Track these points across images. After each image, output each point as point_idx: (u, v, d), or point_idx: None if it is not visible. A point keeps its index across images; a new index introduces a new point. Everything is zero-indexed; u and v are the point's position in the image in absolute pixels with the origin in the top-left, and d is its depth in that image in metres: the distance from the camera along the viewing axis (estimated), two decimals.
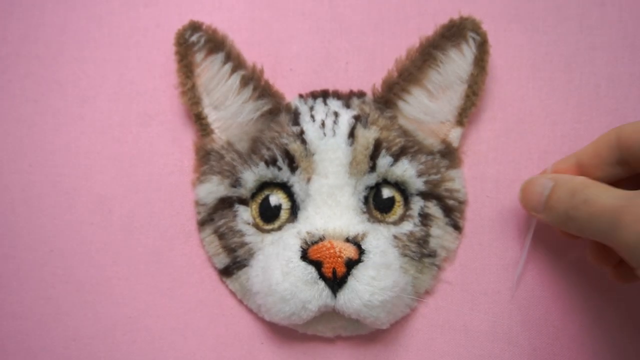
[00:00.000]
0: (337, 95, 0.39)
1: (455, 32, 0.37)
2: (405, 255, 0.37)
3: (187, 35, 0.37)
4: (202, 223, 0.38)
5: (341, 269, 0.34)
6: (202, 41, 0.37)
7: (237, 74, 0.37)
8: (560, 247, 0.38)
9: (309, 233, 0.35)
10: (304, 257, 0.34)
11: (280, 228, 0.37)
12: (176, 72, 0.38)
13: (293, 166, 0.37)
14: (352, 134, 0.36)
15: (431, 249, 0.38)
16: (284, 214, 0.37)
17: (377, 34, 0.39)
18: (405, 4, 0.39)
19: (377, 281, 0.34)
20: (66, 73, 0.39)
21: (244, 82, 0.37)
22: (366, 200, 0.37)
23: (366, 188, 0.37)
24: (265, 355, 0.39)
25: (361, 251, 0.34)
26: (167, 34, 0.38)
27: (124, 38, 0.39)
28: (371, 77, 0.39)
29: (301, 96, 0.39)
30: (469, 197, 0.39)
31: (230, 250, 0.38)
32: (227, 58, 0.37)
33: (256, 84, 0.38)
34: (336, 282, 0.34)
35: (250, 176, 0.37)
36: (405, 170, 0.37)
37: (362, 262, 0.34)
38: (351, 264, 0.34)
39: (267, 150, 0.37)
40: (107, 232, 0.39)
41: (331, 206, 0.36)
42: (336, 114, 0.37)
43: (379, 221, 0.37)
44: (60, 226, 0.39)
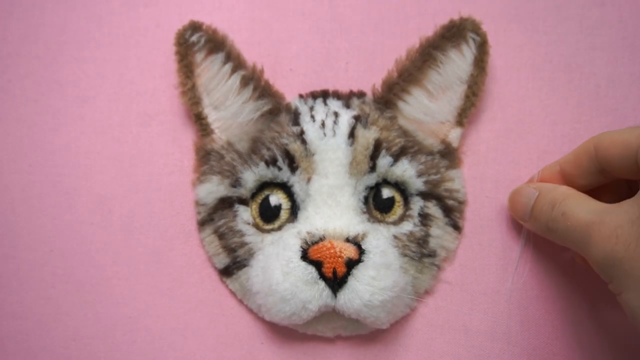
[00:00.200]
0: (337, 95, 0.39)
1: (455, 33, 0.37)
2: (405, 255, 0.37)
3: (187, 35, 0.37)
4: (202, 223, 0.38)
5: (341, 269, 0.34)
6: (202, 41, 0.37)
7: (237, 74, 0.37)
8: (559, 248, 0.38)
9: (309, 233, 0.35)
10: (304, 257, 0.34)
11: (280, 228, 0.37)
12: (176, 72, 0.38)
13: (293, 166, 0.37)
14: (352, 134, 0.36)
15: (431, 249, 0.38)
16: (284, 214, 0.37)
17: (377, 34, 0.39)
18: (405, 4, 0.39)
19: (377, 281, 0.34)
20: (66, 73, 0.39)
21: (244, 82, 0.37)
22: (366, 200, 0.37)
23: (366, 188, 0.37)
24: (265, 355, 0.39)
25: (361, 251, 0.34)
26: (167, 34, 0.38)
27: (124, 38, 0.39)
28: (371, 77, 0.39)
29: (301, 96, 0.39)
30: (469, 197, 0.39)
31: (230, 250, 0.38)
32: (227, 58, 0.37)
33: (256, 84, 0.38)
34: (336, 282, 0.34)
35: (250, 176, 0.37)
36: (405, 170, 0.37)
37: (362, 262, 0.34)
38: (351, 264, 0.34)
39: (267, 150, 0.37)
40: (107, 232, 0.39)
41: (331, 206, 0.36)
42: (336, 114, 0.37)
43: (379, 221, 0.37)
44: (60, 226, 0.39)
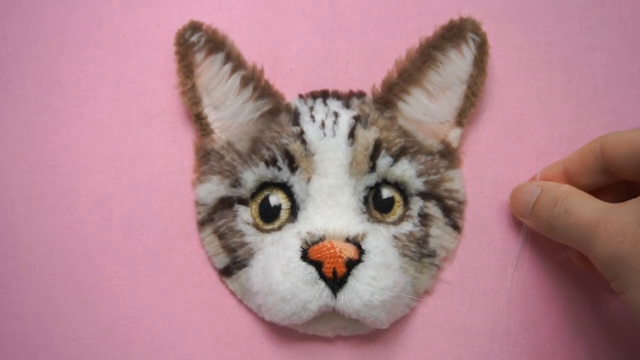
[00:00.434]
0: (337, 95, 0.39)
1: (455, 33, 0.37)
2: (404, 255, 0.37)
3: (187, 35, 0.37)
4: (202, 223, 0.38)
5: (341, 269, 0.34)
6: (202, 41, 0.37)
7: (237, 74, 0.37)
8: (558, 247, 0.38)
9: (309, 233, 0.35)
10: (304, 257, 0.34)
11: (280, 228, 0.37)
12: (176, 72, 0.38)
13: (293, 166, 0.37)
14: (352, 135, 0.36)
15: (430, 249, 0.38)
16: (284, 214, 0.37)
17: (377, 34, 0.39)
18: (405, 4, 0.39)
19: (377, 281, 0.34)
20: (66, 73, 0.39)
21: (244, 82, 0.37)
22: (366, 200, 0.37)
23: (366, 188, 0.37)
24: (265, 355, 0.39)
25: (361, 251, 0.34)
26: (167, 34, 0.38)
27: (124, 38, 0.39)
28: (371, 77, 0.39)
29: (301, 96, 0.39)
30: (468, 198, 0.39)
31: (230, 250, 0.38)
32: (227, 58, 0.37)
33: (256, 84, 0.38)
34: (336, 282, 0.34)
35: (250, 176, 0.37)
36: (404, 170, 0.37)
37: (362, 262, 0.34)
38: (351, 264, 0.34)
39: (267, 150, 0.37)
40: (107, 232, 0.39)
41: (331, 206, 0.36)
42: (336, 114, 0.37)
43: (379, 221, 0.37)
44: (60, 226, 0.39)
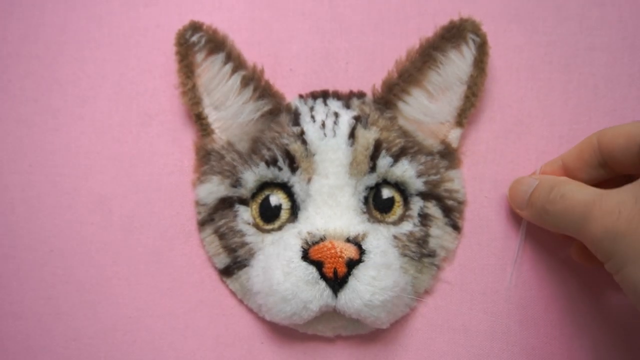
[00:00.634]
0: (337, 95, 0.39)
1: (455, 34, 0.37)
2: (405, 255, 0.37)
3: (188, 35, 0.37)
4: (203, 223, 0.38)
5: (342, 269, 0.34)
6: (203, 41, 0.37)
7: (238, 74, 0.37)
8: (558, 246, 0.38)
9: (310, 233, 0.35)
10: (305, 257, 0.34)
11: (280, 228, 0.37)
12: (176, 72, 0.38)
13: (293, 166, 0.37)
14: (353, 135, 0.36)
15: (431, 249, 0.38)
16: (284, 214, 0.37)
17: (377, 34, 0.39)
18: (405, 4, 0.39)
19: (378, 281, 0.34)
20: (66, 73, 0.39)
21: (245, 83, 0.37)
22: (366, 200, 0.37)
23: (366, 188, 0.37)
24: (265, 355, 0.39)
25: (362, 251, 0.34)
26: (167, 34, 0.38)
27: (124, 38, 0.39)
28: (371, 78, 0.39)
29: (301, 96, 0.39)
30: (468, 198, 0.39)
31: (230, 250, 0.38)
32: (228, 58, 0.37)
33: (256, 85, 0.38)
34: (337, 282, 0.34)
35: (250, 176, 0.37)
36: (405, 170, 0.37)
37: (363, 262, 0.34)
38: (352, 264, 0.34)
39: (268, 150, 0.37)
40: (107, 232, 0.39)
41: (331, 206, 0.36)
42: (336, 115, 0.37)
43: (379, 221, 0.37)
44: (60, 226, 0.39)
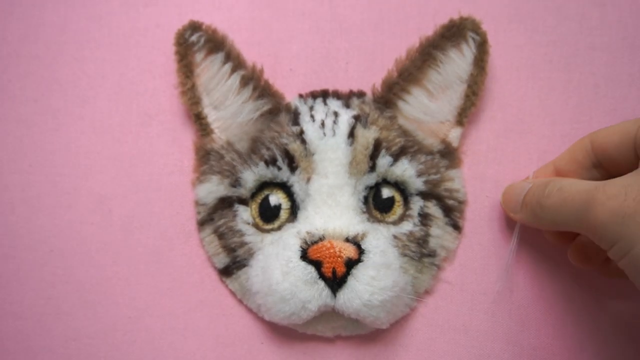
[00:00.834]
0: (337, 95, 0.39)
1: (455, 32, 0.37)
2: (404, 255, 0.37)
3: (187, 35, 0.37)
4: (202, 223, 0.38)
5: (341, 269, 0.34)
6: (202, 41, 0.37)
7: (237, 74, 0.37)
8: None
9: (309, 233, 0.35)
10: (304, 257, 0.34)
11: (280, 228, 0.37)
12: (176, 72, 0.38)
13: (293, 166, 0.37)
14: (352, 134, 0.36)
15: (431, 249, 0.38)
16: (284, 214, 0.37)
17: (377, 34, 0.39)
18: (405, 4, 0.39)
19: (377, 281, 0.34)
20: (66, 73, 0.39)
21: (244, 82, 0.37)
22: (366, 200, 0.37)
23: (366, 188, 0.37)
24: (265, 355, 0.39)
25: (361, 251, 0.34)
26: (167, 34, 0.38)
27: (124, 38, 0.39)
28: (371, 77, 0.39)
29: (301, 96, 0.39)
30: (469, 197, 0.39)
31: (230, 250, 0.38)
32: (227, 58, 0.37)
33: (256, 84, 0.38)
34: (336, 282, 0.34)
35: (250, 176, 0.37)
36: (405, 170, 0.37)
37: (362, 262, 0.34)
38: (351, 264, 0.34)
39: (267, 150, 0.37)
40: (107, 232, 0.39)
41: (331, 206, 0.36)
42: (336, 114, 0.37)
43: (379, 221, 0.37)
44: (60, 226, 0.39)
